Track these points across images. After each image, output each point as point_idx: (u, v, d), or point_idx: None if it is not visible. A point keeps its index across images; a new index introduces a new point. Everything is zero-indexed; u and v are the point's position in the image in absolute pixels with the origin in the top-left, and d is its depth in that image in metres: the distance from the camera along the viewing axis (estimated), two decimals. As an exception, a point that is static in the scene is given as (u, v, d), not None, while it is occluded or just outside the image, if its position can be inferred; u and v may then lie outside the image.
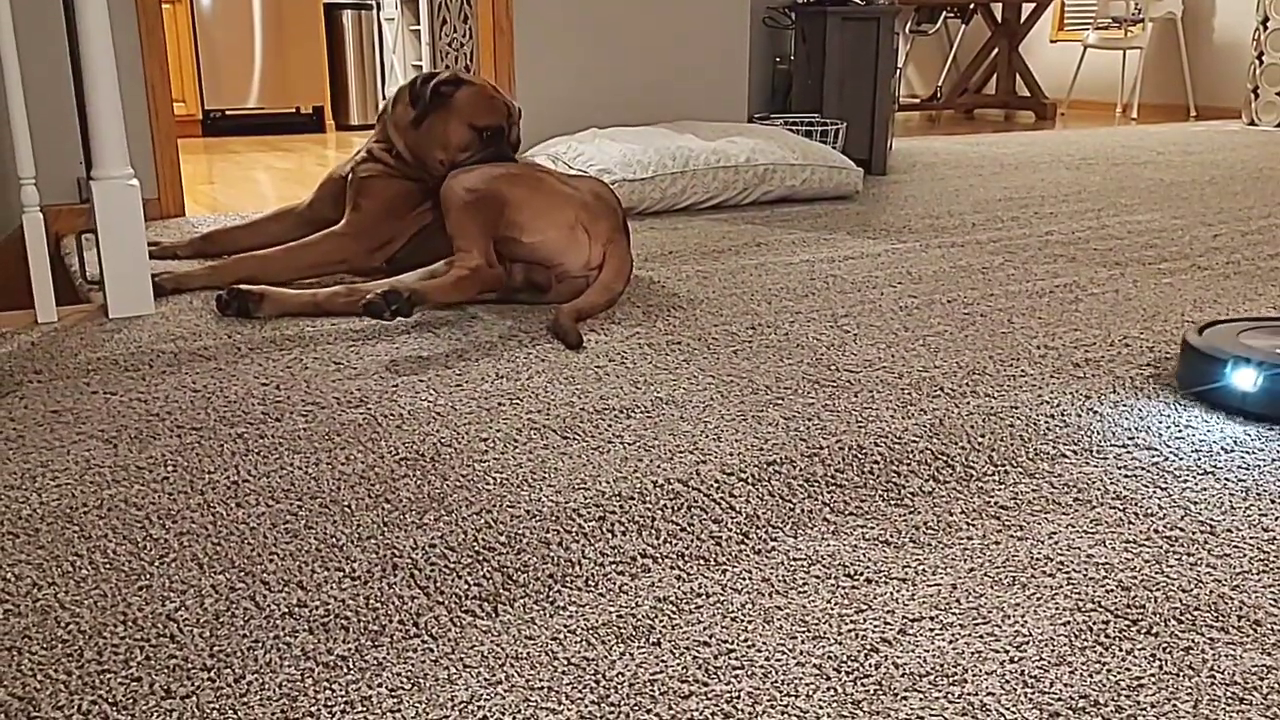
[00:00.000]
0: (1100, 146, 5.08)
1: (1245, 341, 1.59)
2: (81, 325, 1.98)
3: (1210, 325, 1.69)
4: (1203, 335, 1.63)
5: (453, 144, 2.22)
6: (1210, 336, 1.63)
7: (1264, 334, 1.64)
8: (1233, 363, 1.52)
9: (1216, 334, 1.64)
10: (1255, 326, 1.68)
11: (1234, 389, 1.52)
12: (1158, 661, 0.93)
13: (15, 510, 1.22)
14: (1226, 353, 1.54)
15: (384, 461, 1.36)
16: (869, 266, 2.49)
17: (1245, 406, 1.52)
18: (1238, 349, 1.56)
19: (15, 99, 1.92)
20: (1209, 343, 1.58)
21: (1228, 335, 1.63)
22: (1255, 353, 1.54)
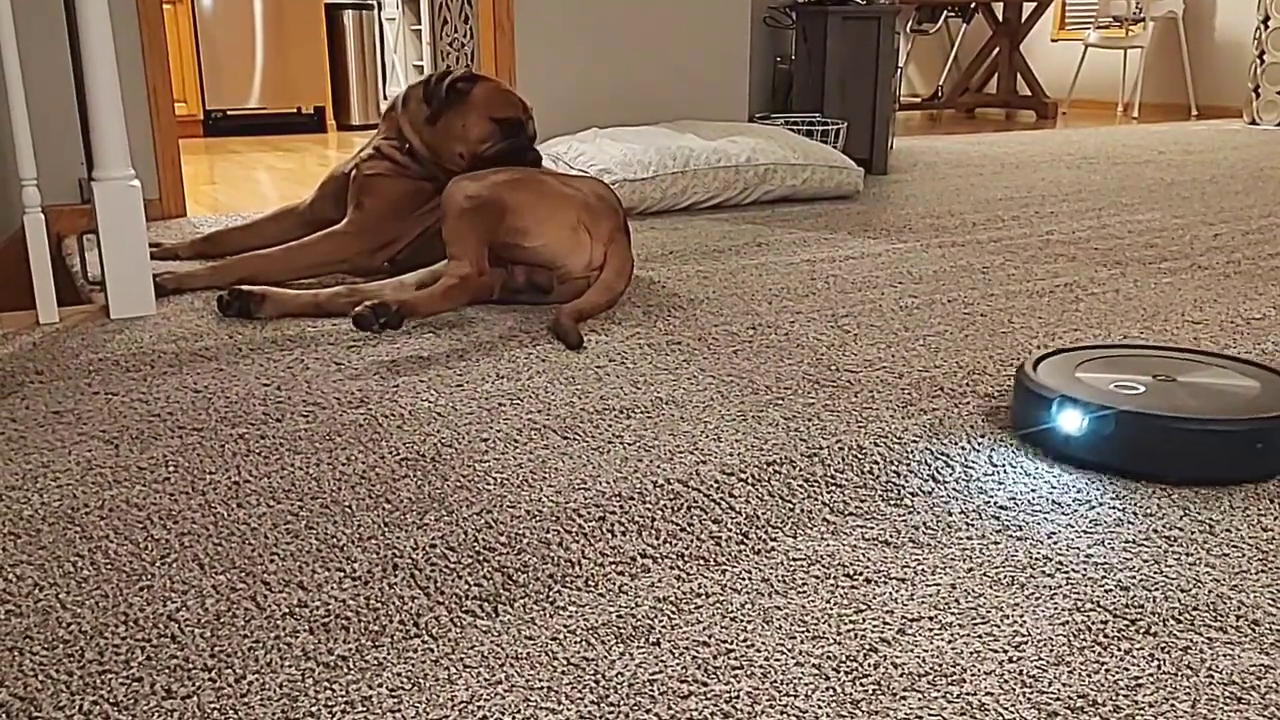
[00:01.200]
0: (1101, 146, 5.08)
1: (1080, 376, 1.43)
2: (83, 326, 1.98)
3: (1049, 355, 1.52)
4: (1038, 369, 1.46)
5: (473, 137, 2.23)
6: (1045, 370, 1.46)
7: (1104, 365, 1.48)
8: (1058, 402, 1.35)
9: (1052, 366, 1.48)
10: (1098, 357, 1.52)
11: (1060, 432, 1.35)
12: (1156, 661, 0.94)
13: (17, 511, 1.23)
14: (1053, 391, 1.37)
15: (385, 462, 1.36)
16: (870, 266, 2.49)
17: (1072, 452, 1.35)
18: (1068, 386, 1.40)
19: (17, 100, 1.92)
20: (1041, 378, 1.42)
21: (1064, 368, 1.47)
22: (1084, 391, 1.37)
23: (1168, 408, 1.32)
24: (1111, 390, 1.38)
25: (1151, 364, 1.48)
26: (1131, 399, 1.35)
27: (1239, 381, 1.42)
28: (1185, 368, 1.47)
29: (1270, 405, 1.33)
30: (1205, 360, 1.50)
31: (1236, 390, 1.39)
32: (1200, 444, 1.28)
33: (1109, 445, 1.31)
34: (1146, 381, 1.41)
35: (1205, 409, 1.32)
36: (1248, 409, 1.32)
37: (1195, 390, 1.39)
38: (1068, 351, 1.53)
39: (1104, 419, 1.31)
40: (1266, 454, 1.29)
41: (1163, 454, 1.30)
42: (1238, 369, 1.46)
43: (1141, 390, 1.38)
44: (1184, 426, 1.28)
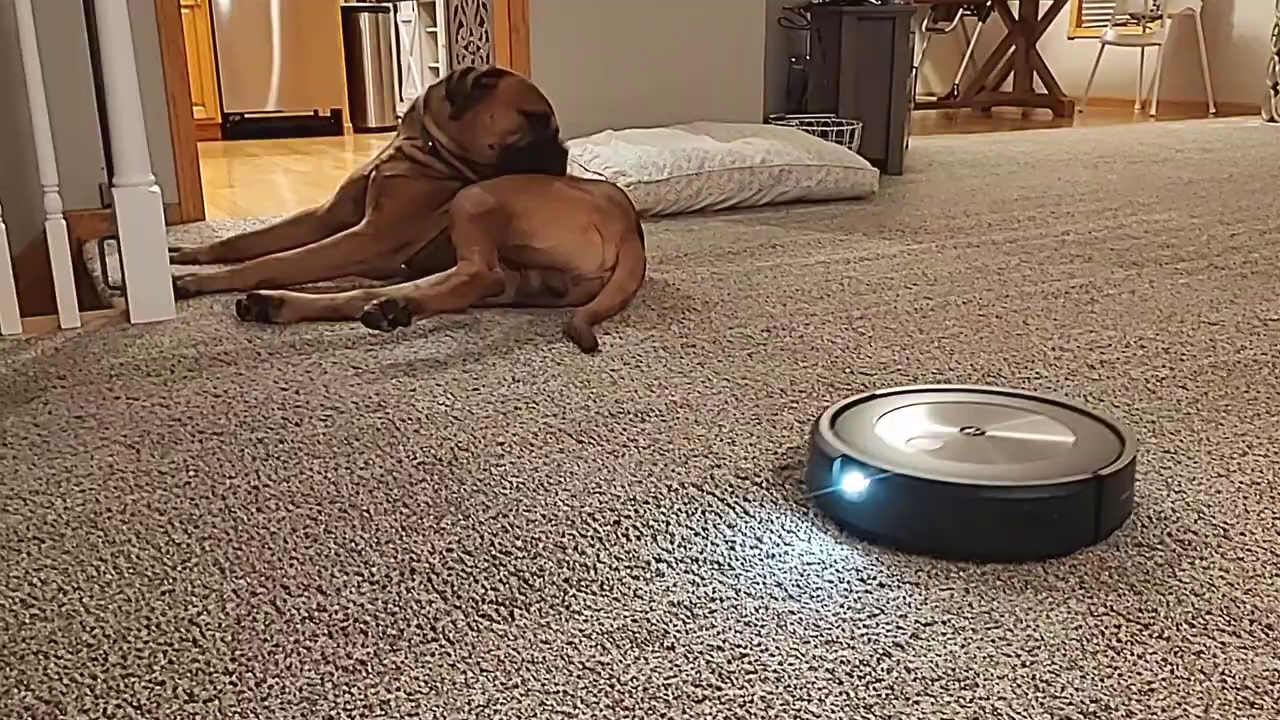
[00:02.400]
0: (1118, 144, 5.06)
1: (879, 430, 1.27)
2: (104, 330, 2.01)
3: (858, 402, 1.36)
4: (837, 420, 1.30)
5: (501, 129, 2.25)
6: (846, 421, 1.30)
7: (911, 415, 1.32)
8: (840, 463, 1.19)
9: (855, 416, 1.31)
10: (909, 404, 1.35)
11: (844, 496, 1.19)
12: (1169, 666, 0.94)
13: (40, 515, 1.24)
14: (835, 450, 1.20)
15: (402, 466, 1.38)
16: (884, 268, 2.49)
17: (852, 520, 1.19)
18: (860, 441, 1.23)
19: (38, 108, 1.95)
20: (831, 432, 1.25)
21: (867, 419, 1.31)
22: (872, 448, 1.21)
23: (950, 470, 1.15)
24: (902, 447, 1.22)
25: (965, 412, 1.32)
26: (917, 458, 1.19)
27: (1054, 433, 1.26)
28: (1001, 416, 1.31)
29: (1077, 465, 1.16)
30: (1026, 407, 1.34)
31: (1049, 444, 1.23)
32: (982, 513, 1.12)
33: (882, 514, 1.16)
34: (950, 435, 1.26)
35: (999, 470, 1.16)
36: (1047, 470, 1.16)
37: (1002, 445, 1.23)
38: (880, 397, 1.37)
39: (877, 483, 1.15)
40: (1064, 525, 1.13)
41: (941, 525, 1.13)
42: (1060, 417, 1.30)
43: (938, 447, 1.22)
44: (962, 494, 1.12)
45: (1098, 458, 1.18)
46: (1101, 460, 1.17)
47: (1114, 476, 1.15)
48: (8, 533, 1.20)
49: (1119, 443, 1.22)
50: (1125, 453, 1.19)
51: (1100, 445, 1.22)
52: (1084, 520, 1.14)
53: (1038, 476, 1.14)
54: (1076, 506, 1.13)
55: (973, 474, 1.15)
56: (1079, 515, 1.14)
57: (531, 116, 2.28)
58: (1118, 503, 1.17)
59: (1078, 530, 1.14)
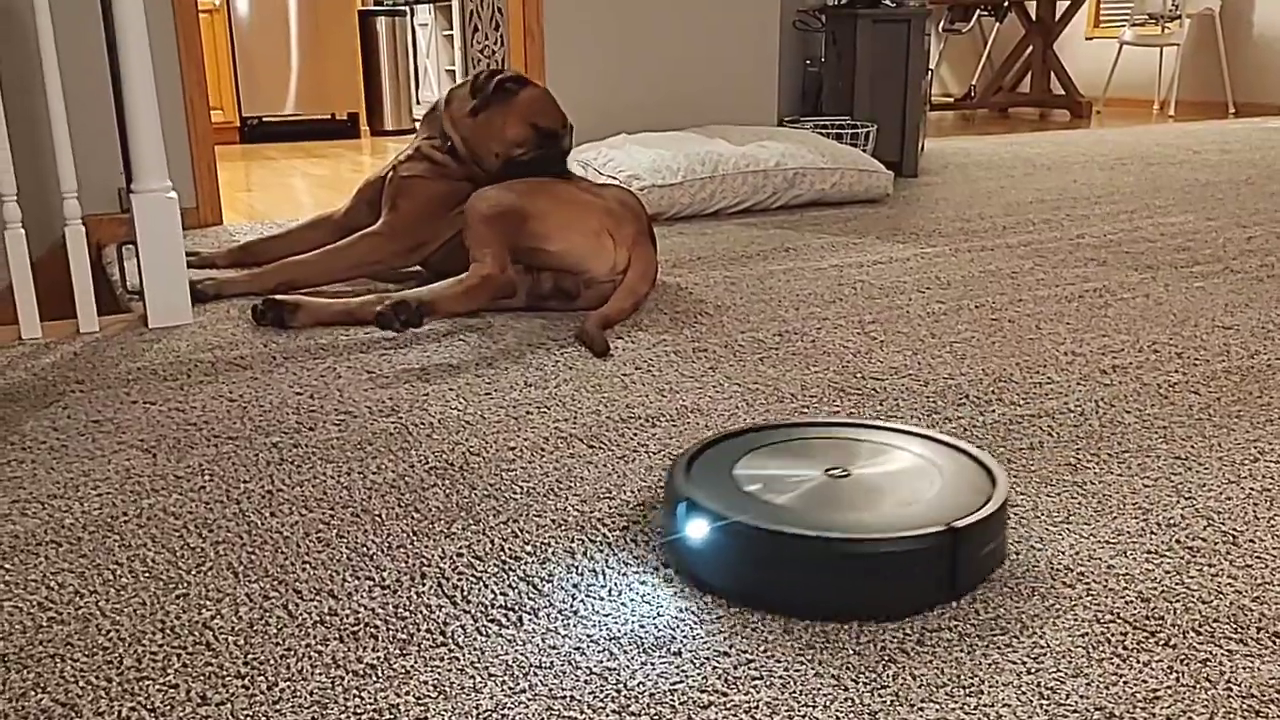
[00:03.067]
0: (1136, 146, 5.04)
1: (739, 470, 1.18)
2: (122, 335, 2.03)
3: (728, 438, 1.26)
4: (698, 459, 1.20)
5: (509, 139, 2.26)
6: (707, 459, 1.20)
7: (776, 453, 1.22)
8: (685, 507, 1.10)
9: (718, 454, 1.21)
10: (777, 441, 1.25)
11: (688, 544, 1.10)
12: (1175, 673, 0.94)
13: (58, 519, 1.26)
14: (681, 492, 1.11)
15: (414, 471, 1.39)
16: (898, 271, 2.49)
17: (693, 569, 1.10)
18: (714, 483, 1.14)
19: (58, 116, 1.97)
20: (686, 473, 1.16)
21: (729, 457, 1.20)
22: (722, 492, 1.12)
23: (789, 519, 1.06)
24: (754, 490, 1.13)
25: (836, 451, 1.23)
26: (763, 504, 1.10)
27: (924, 475, 1.17)
28: (872, 455, 1.22)
29: (935, 514, 1.07)
30: (902, 444, 1.25)
31: (914, 488, 1.14)
32: (816, 568, 1.03)
33: (717, 564, 1.08)
34: (811, 477, 1.16)
35: (844, 519, 1.07)
36: (900, 520, 1.06)
37: (863, 489, 1.14)
38: (751, 433, 1.27)
39: (714, 531, 1.06)
40: (912, 582, 1.04)
41: (775, 579, 1.04)
42: (935, 455, 1.21)
43: (793, 490, 1.13)
44: (794, 546, 1.03)
45: (960, 506, 1.09)
46: (964, 508, 1.08)
47: (972, 529, 1.05)
48: (26, 536, 1.22)
49: (990, 486, 1.13)
50: (993, 499, 1.10)
51: (969, 490, 1.12)
52: (935, 576, 1.04)
53: (886, 527, 1.04)
54: (926, 562, 1.03)
55: (812, 523, 1.05)
56: (928, 571, 1.04)
57: (542, 132, 2.28)
58: (977, 557, 1.07)
59: (927, 588, 1.05)
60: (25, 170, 2.79)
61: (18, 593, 1.10)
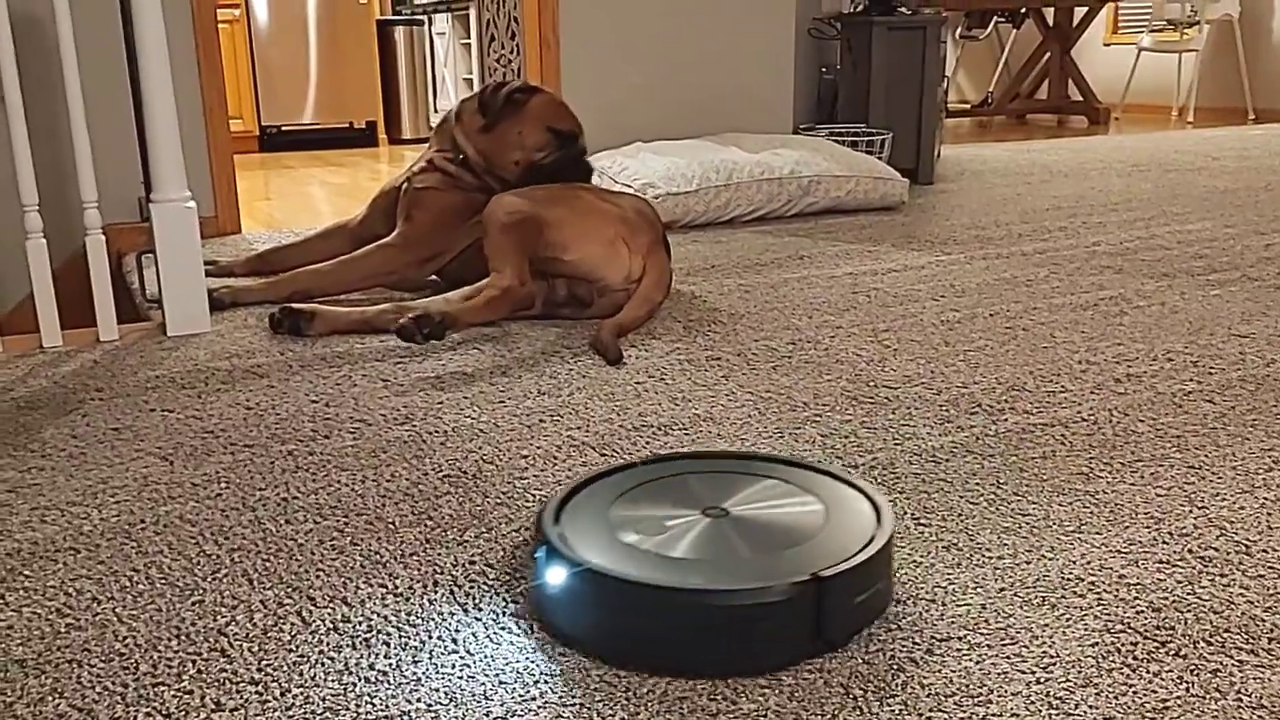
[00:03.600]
0: (1154, 152, 5.02)
1: (615, 510, 1.11)
2: (141, 343, 2.05)
3: (609, 474, 1.19)
4: (574, 498, 1.14)
5: (529, 145, 2.28)
6: (584, 499, 1.14)
7: (657, 491, 1.15)
8: (546, 552, 1.03)
9: (597, 493, 1.15)
10: (662, 476, 1.19)
11: (547, 592, 1.03)
12: (1185, 684, 0.94)
13: (77, 526, 1.28)
14: (543, 535, 1.05)
15: (428, 479, 1.40)
16: (912, 279, 2.49)
17: (550, 618, 1.04)
18: (586, 525, 1.08)
19: (79, 127, 2.00)
20: (560, 513, 1.11)
21: (607, 495, 1.14)
22: (589, 535, 1.06)
23: (659, 567, 1.00)
24: (623, 534, 1.06)
25: (719, 487, 1.17)
26: (629, 549, 1.03)
27: (806, 515, 1.10)
28: (757, 492, 1.16)
29: (812, 558, 1.01)
30: (791, 478, 1.18)
31: (796, 528, 1.08)
32: (668, 621, 0.97)
33: (572, 614, 1.02)
34: (689, 517, 1.10)
35: (713, 567, 1.01)
36: (765, 568, 1.00)
37: (743, 529, 1.08)
38: (639, 466, 1.21)
39: (570, 581, 1.00)
40: (772, 637, 0.97)
41: (629, 632, 0.98)
42: (824, 492, 1.15)
43: (663, 533, 1.06)
44: (649, 597, 0.96)
45: (839, 549, 1.02)
46: (840, 552, 1.02)
47: (840, 578, 0.98)
48: (45, 542, 1.24)
49: (875, 525, 1.07)
50: (873, 542, 1.03)
51: (852, 531, 1.06)
52: (798, 630, 0.97)
53: (754, 575, 0.98)
54: (788, 615, 0.96)
55: (676, 571, 0.99)
56: (791, 625, 0.97)
57: (560, 135, 2.30)
58: (847, 607, 1.00)
59: (791, 642, 0.97)
60: (46, 180, 2.82)
61: (36, 598, 1.11)
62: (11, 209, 2.74)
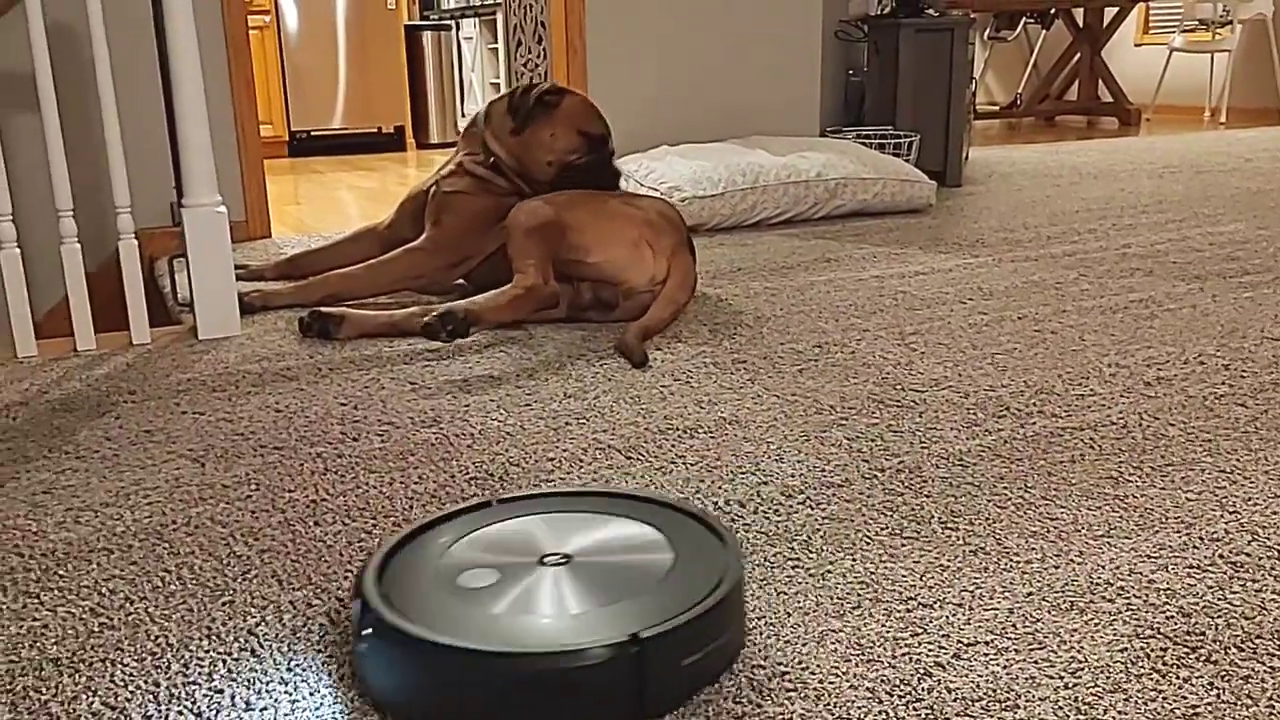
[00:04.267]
0: (1185, 153, 4.97)
1: (447, 558, 1.04)
2: (172, 346, 2.07)
3: (448, 518, 1.12)
4: (408, 545, 1.06)
5: (560, 147, 2.29)
6: (419, 545, 1.07)
7: (495, 538, 1.08)
8: (360, 609, 0.96)
9: (432, 539, 1.08)
10: (503, 518, 1.12)
11: (360, 651, 0.96)
12: (1215, 690, 0.93)
13: (110, 527, 1.30)
14: (361, 592, 0.97)
15: (455, 481, 1.41)
16: (939, 282, 2.48)
17: (364, 678, 0.96)
18: (403, 577, 1.00)
19: (112, 133, 2.02)
20: (399, 560, 1.04)
21: (442, 542, 1.07)
22: (410, 588, 0.98)
23: (480, 627, 0.92)
24: (451, 587, 0.99)
25: (567, 529, 1.09)
26: (451, 605, 0.96)
27: (651, 563, 1.02)
28: (605, 533, 1.09)
29: (646, 613, 0.93)
30: (642, 516, 1.11)
31: (638, 576, 1.00)
32: (471, 686, 0.88)
33: (379, 676, 0.93)
34: (526, 565, 1.02)
35: (539, 624, 0.92)
36: (590, 626, 0.92)
37: (580, 579, 1.00)
38: (486, 508, 1.14)
39: (374, 641, 0.93)
40: (586, 704, 0.88)
41: (450, 701, 0.90)
42: (679, 533, 1.07)
43: (494, 586, 0.99)
44: (454, 660, 0.88)
45: (677, 602, 0.95)
46: (677, 606, 0.93)
47: (666, 637, 0.90)
48: (79, 543, 1.25)
49: (721, 574, 0.99)
50: (710, 596, 0.95)
51: (697, 580, 0.98)
52: (616, 697, 0.89)
53: (577, 634, 0.91)
54: (603, 680, 0.88)
55: (498, 630, 0.92)
56: (607, 691, 0.89)
57: (590, 137, 2.31)
58: (675, 671, 0.91)
59: (608, 711, 0.89)
60: (80, 186, 2.86)
61: (70, 598, 1.13)
62: (47, 214, 2.78)
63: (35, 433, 1.62)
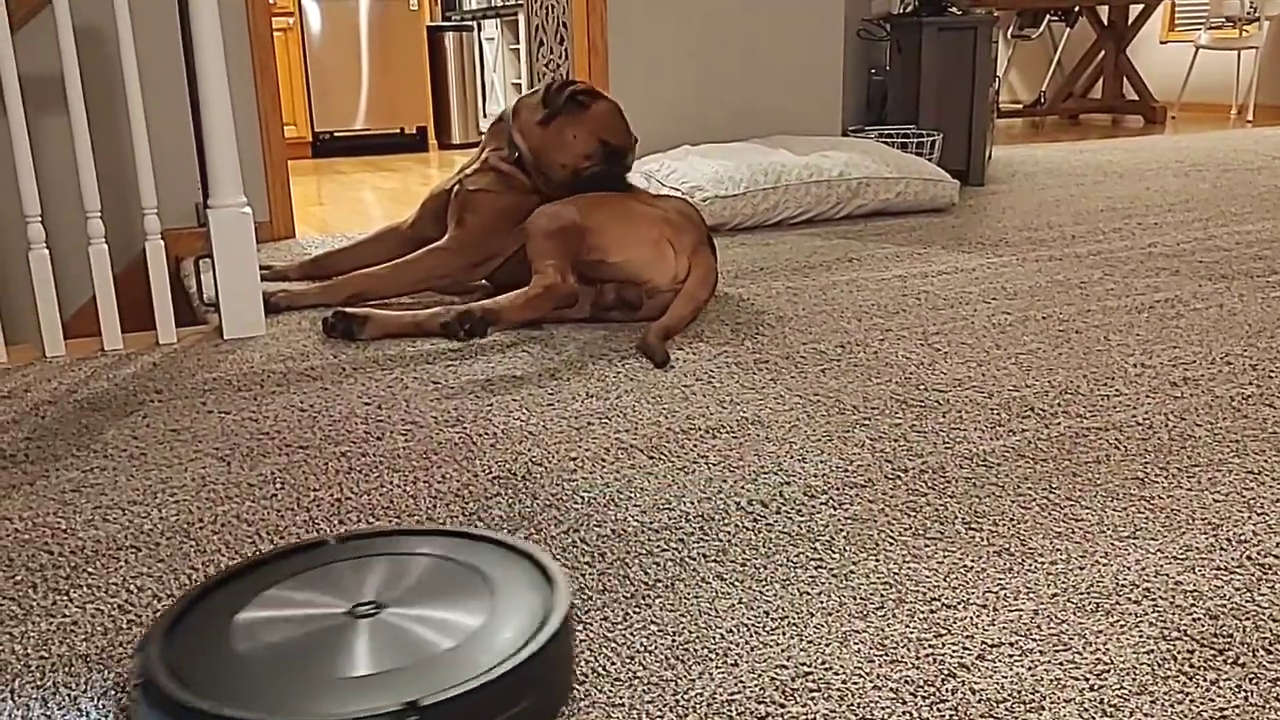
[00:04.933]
0: (1211, 151, 4.92)
1: (252, 611, 0.97)
2: (198, 346, 2.09)
3: (257, 565, 1.05)
4: (205, 601, 0.99)
5: (577, 151, 2.28)
6: (218, 599, 1.00)
7: (309, 584, 1.01)
8: (140, 666, 0.90)
9: (236, 588, 1.01)
10: (319, 564, 1.05)
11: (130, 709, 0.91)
12: (1243, 692, 0.92)
13: (138, 525, 1.31)
14: (142, 657, 0.91)
15: (478, 480, 1.42)
16: (963, 282, 2.47)
17: None
18: (200, 635, 0.94)
19: (139, 136, 2.04)
20: (191, 617, 0.97)
21: (250, 589, 1.00)
22: (203, 648, 0.92)
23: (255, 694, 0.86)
24: (239, 647, 0.92)
25: (383, 572, 1.03)
26: (235, 664, 0.90)
27: (465, 614, 0.96)
28: (422, 576, 1.02)
29: (431, 679, 0.86)
30: (464, 557, 1.05)
31: (450, 624, 0.94)
32: None
33: None
34: (332, 617, 0.96)
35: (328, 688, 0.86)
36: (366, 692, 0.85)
37: (386, 631, 0.94)
38: (298, 553, 1.07)
39: (138, 705, 0.86)
40: None
41: None
42: (505, 578, 1.01)
43: (290, 642, 0.93)
44: None
45: (475, 662, 0.88)
46: (471, 668, 0.87)
47: (449, 705, 0.83)
48: (107, 541, 1.27)
49: (534, 630, 0.92)
50: (515, 656, 0.88)
51: (513, 628, 0.92)
52: None
53: (349, 703, 0.84)
54: None
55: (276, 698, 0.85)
56: None
57: (609, 148, 2.30)
58: None
59: None
60: (108, 187, 2.89)
61: (99, 595, 1.14)
62: (75, 216, 2.81)
63: (64, 431, 1.64)
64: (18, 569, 1.21)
